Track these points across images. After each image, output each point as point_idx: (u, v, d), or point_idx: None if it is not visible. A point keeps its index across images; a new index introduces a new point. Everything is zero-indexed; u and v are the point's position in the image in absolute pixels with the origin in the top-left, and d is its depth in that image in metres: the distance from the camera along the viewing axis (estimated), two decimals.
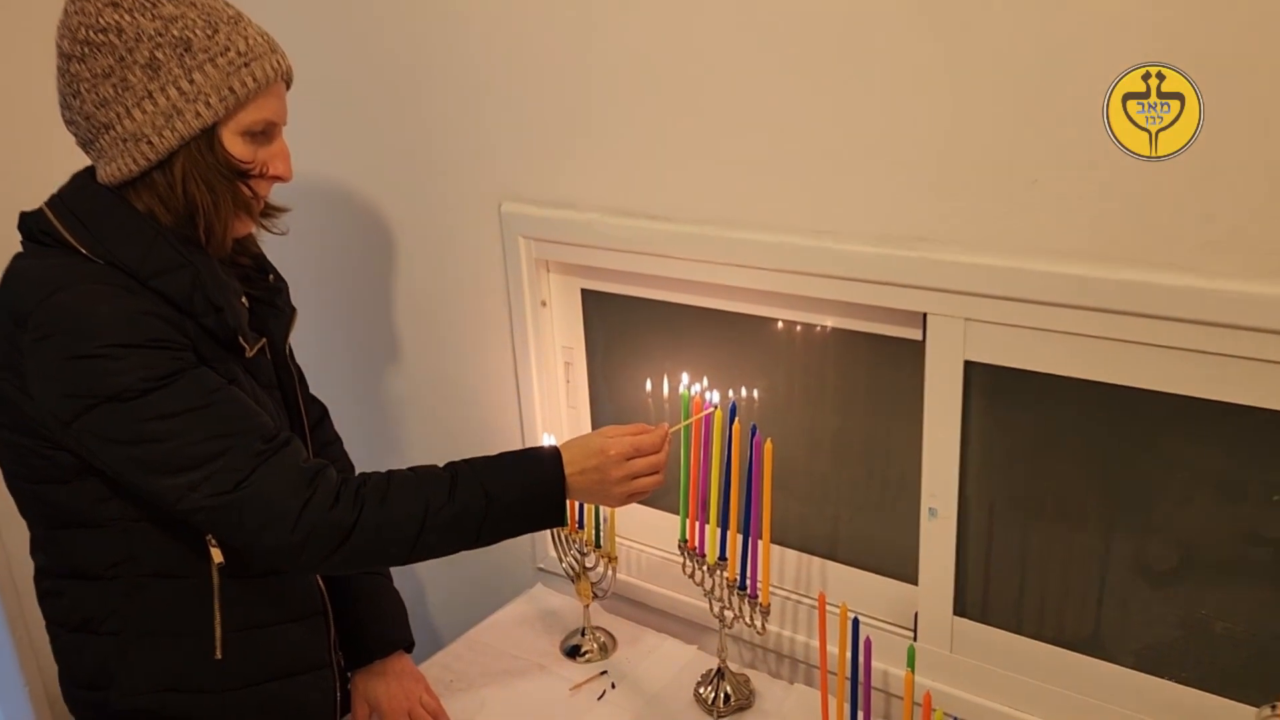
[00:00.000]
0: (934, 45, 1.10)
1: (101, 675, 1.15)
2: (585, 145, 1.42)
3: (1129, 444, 1.18)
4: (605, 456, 1.13)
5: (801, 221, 1.25)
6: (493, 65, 1.47)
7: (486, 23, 1.45)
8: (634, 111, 1.35)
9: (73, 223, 1.05)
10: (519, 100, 1.46)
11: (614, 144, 1.39)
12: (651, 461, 1.15)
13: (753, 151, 1.26)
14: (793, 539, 1.48)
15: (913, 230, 1.17)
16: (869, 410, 1.38)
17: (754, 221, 1.29)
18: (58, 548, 1.14)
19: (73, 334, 1.00)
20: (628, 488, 1.14)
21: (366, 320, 1.81)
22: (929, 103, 1.12)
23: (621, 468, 1.13)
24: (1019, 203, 1.09)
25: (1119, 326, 1.07)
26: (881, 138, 1.16)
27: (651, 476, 1.15)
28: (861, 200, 1.20)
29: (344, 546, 1.05)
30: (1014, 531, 1.28)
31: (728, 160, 1.29)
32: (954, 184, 1.13)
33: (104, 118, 1.03)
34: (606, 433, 1.16)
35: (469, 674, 1.49)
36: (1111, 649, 1.24)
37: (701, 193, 1.33)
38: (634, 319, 1.54)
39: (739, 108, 1.26)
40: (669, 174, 1.35)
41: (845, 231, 1.22)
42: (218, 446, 1.03)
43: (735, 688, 1.39)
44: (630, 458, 1.14)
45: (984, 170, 1.11)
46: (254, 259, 1.24)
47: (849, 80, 1.17)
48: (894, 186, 1.17)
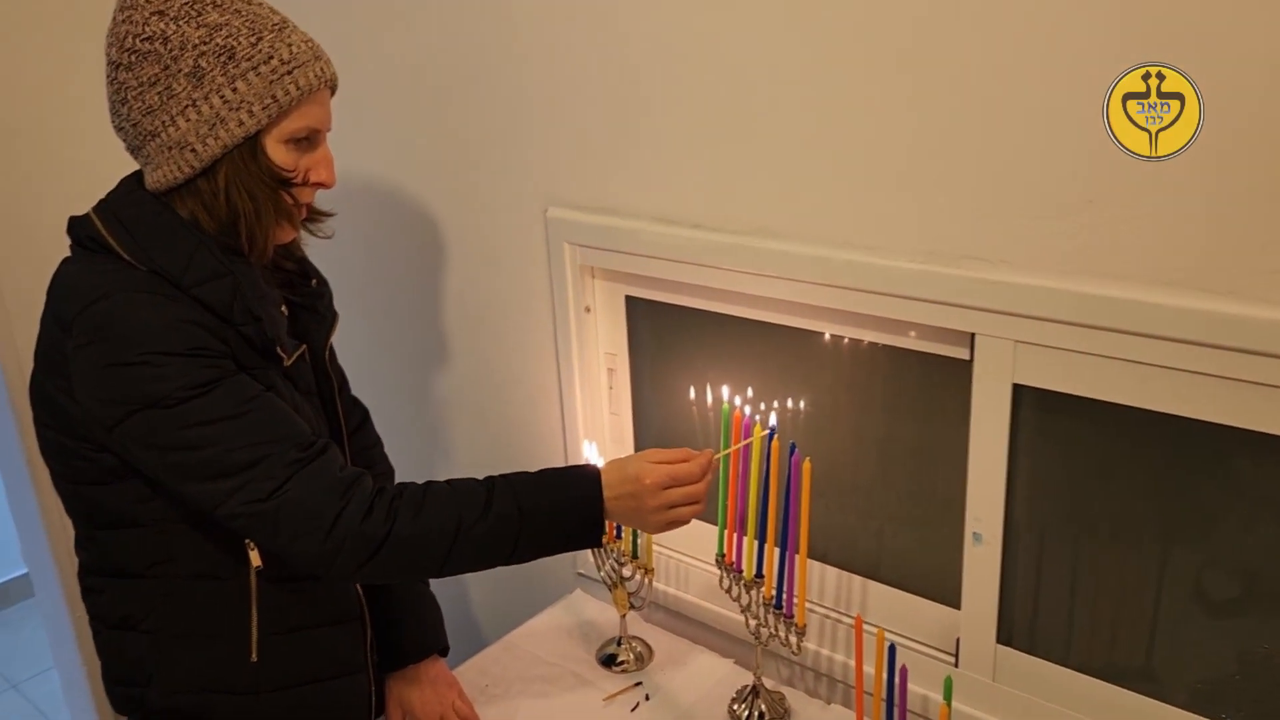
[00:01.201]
0: (983, 58, 1.06)
1: (140, 672, 1.17)
2: (633, 152, 1.40)
3: (1186, 473, 1.13)
4: (640, 485, 1.10)
5: (849, 235, 1.22)
6: (541, 70, 1.46)
7: (535, 27, 1.44)
8: (682, 119, 1.33)
9: (118, 229, 1.07)
10: (567, 105, 1.45)
11: (661, 151, 1.37)
12: (689, 492, 1.12)
13: (801, 163, 1.24)
14: (834, 556, 1.45)
15: (962, 248, 1.14)
16: (913, 429, 1.34)
17: (800, 234, 1.26)
18: (99, 546, 1.16)
19: (114, 341, 1.01)
20: (663, 517, 1.12)
21: (412, 323, 1.82)
22: (981, 118, 1.08)
23: (657, 497, 1.11)
24: (1074, 222, 1.05)
25: (1179, 355, 1.02)
26: (932, 152, 1.13)
27: (689, 507, 1.13)
28: (910, 215, 1.17)
29: (376, 557, 1.06)
30: (1062, 559, 1.23)
31: (775, 171, 1.26)
32: (1006, 201, 1.09)
33: (150, 125, 1.04)
34: (647, 457, 1.13)
35: (505, 679, 1.49)
36: (1163, 685, 1.19)
37: (748, 203, 1.30)
38: (678, 327, 1.52)
39: (788, 118, 1.23)
40: (716, 183, 1.33)
41: (893, 247, 1.19)
42: (254, 454, 1.04)
43: (770, 706, 1.37)
44: (667, 487, 1.11)
45: (1037, 188, 1.07)
46: (298, 263, 1.25)
47: (899, 94, 1.13)
48: (943, 202, 1.14)
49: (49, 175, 1.76)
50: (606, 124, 1.41)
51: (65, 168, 1.75)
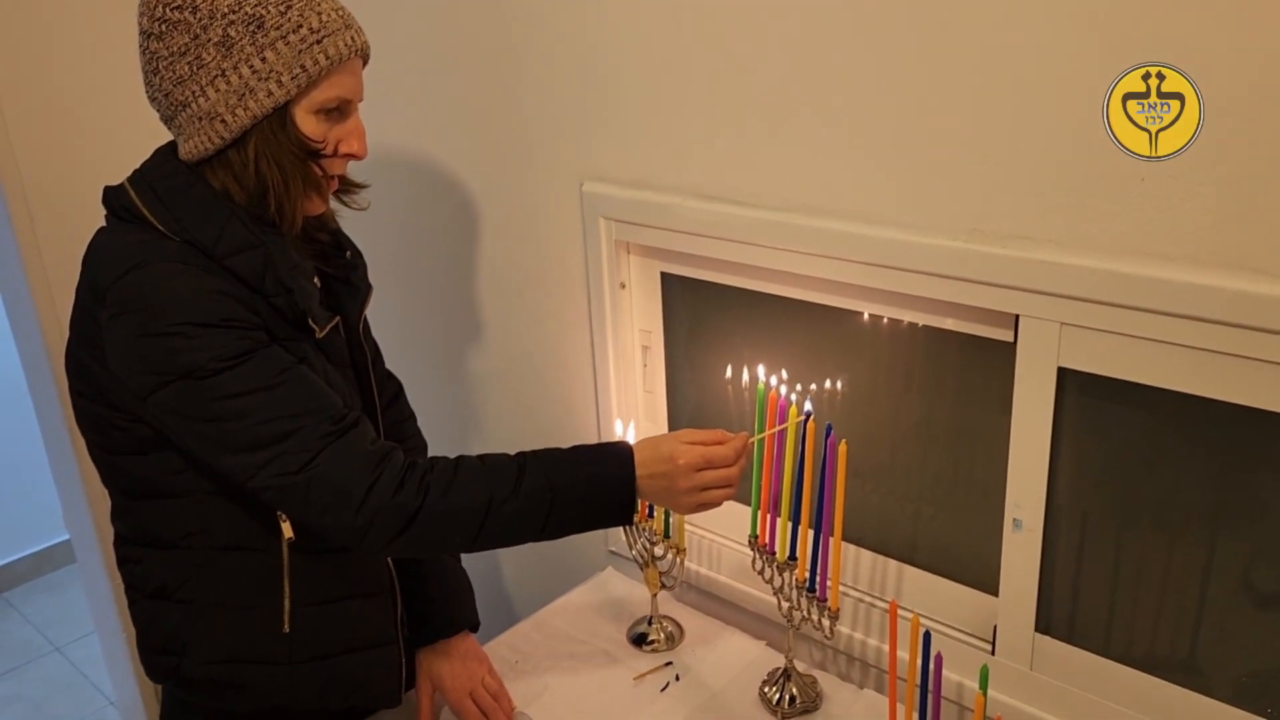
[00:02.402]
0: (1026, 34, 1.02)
1: (175, 642, 1.18)
2: (671, 126, 1.37)
3: (1236, 461, 1.09)
4: (674, 465, 1.09)
5: (890, 213, 1.19)
6: (578, 41, 1.43)
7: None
8: (722, 93, 1.30)
9: (151, 199, 1.07)
10: (604, 78, 1.42)
11: (700, 125, 1.34)
12: (722, 475, 1.11)
13: (841, 139, 1.20)
14: (869, 540, 1.43)
15: (1007, 226, 1.10)
16: (953, 413, 1.31)
17: (840, 211, 1.23)
18: (135, 516, 1.17)
19: (147, 311, 1.02)
20: (695, 499, 1.11)
21: (446, 297, 1.82)
22: (1028, 93, 1.04)
23: (690, 479, 1.09)
24: (1124, 202, 1.01)
25: (1231, 340, 0.98)
26: (977, 128, 1.09)
27: (722, 490, 1.11)
28: (954, 193, 1.13)
29: (407, 532, 1.05)
30: (1105, 547, 1.20)
31: (815, 147, 1.23)
32: (1053, 179, 1.05)
33: (181, 96, 1.04)
34: (681, 437, 1.12)
35: (534, 656, 1.49)
36: (1207, 678, 1.16)
37: (786, 179, 1.27)
38: (714, 305, 1.50)
39: (829, 93, 1.20)
40: (753, 158, 1.30)
41: (935, 225, 1.16)
42: (286, 427, 1.03)
43: (801, 689, 1.36)
44: (701, 469, 1.10)
45: (1087, 164, 1.03)
46: (331, 235, 1.24)
47: (943, 69, 1.10)
48: (988, 179, 1.10)
49: (85, 145, 1.77)
50: (645, 97, 1.39)
51: (103, 137, 1.76)
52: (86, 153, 1.76)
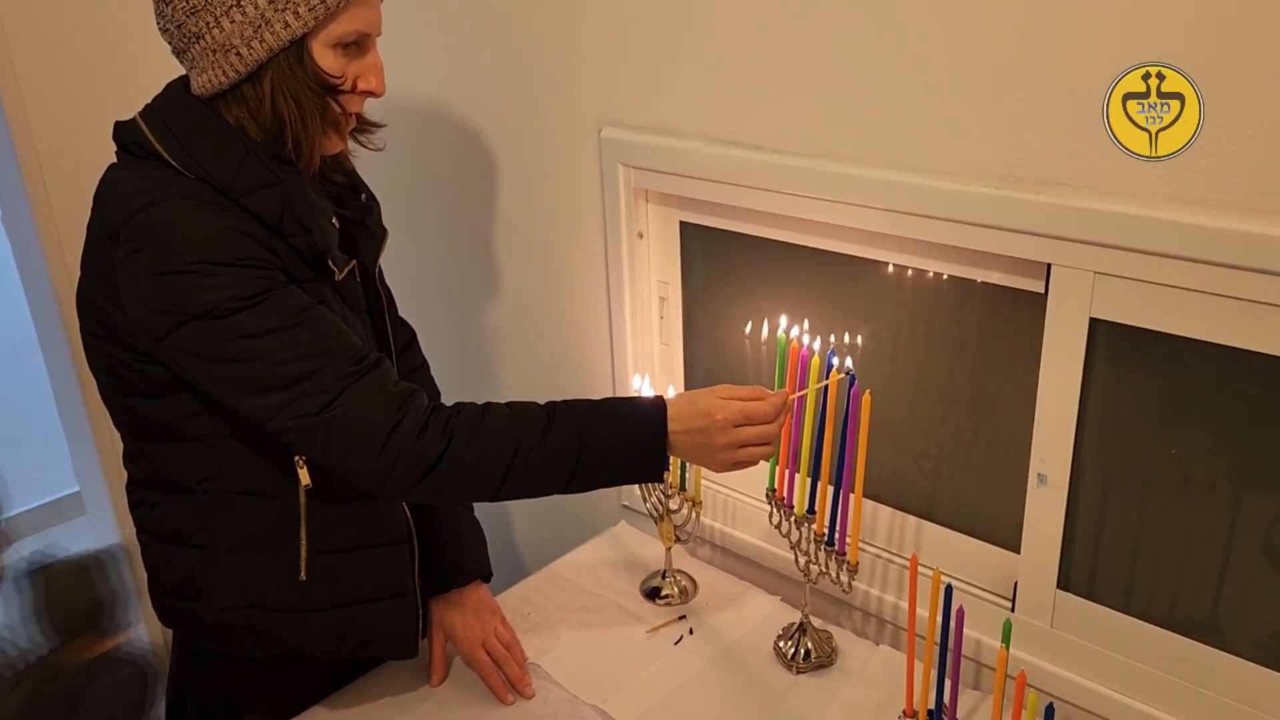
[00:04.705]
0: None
1: (190, 587, 1.17)
2: (690, 69, 1.34)
3: (1267, 415, 1.07)
4: (711, 420, 1.06)
5: (917, 159, 1.16)
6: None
7: None
8: (742, 35, 1.27)
9: (165, 135, 1.04)
10: (623, 20, 1.39)
11: (719, 69, 1.31)
12: (761, 432, 1.07)
13: (867, 81, 1.17)
14: (889, 495, 1.41)
15: (1040, 172, 1.07)
16: (980, 366, 1.29)
17: (866, 156, 1.20)
18: (149, 460, 1.15)
19: (163, 249, 0.99)
20: (731, 456, 1.07)
21: (460, 242, 1.79)
22: (1057, 30, 1.01)
23: (728, 435, 1.06)
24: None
25: (1271, 288, 0.96)
26: (1007, 69, 1.06)
27: (760, 447, 1.08)
28: (985, 137, 1.10)
29: (430, 476, 1.03)
30: (1130, 504, 1.18)
31: (839, 89, 1.20)
32: (1088, 121, 1.02)
33: (194, 26, 1.01)
34: (718, 393, 1.08)
35: (547, 608, 1.48)
36: (1229, 637, 1.14)
37: (810, 123, 1.24)
38: (734, 255, 1.47)
39: (853, 32, 1.17)
40: (776, 102, 1.27)
41: (965, 171, 1.13)
42: (307, 367, 1.02)
43: (817, 644, 1.35)
44: (739, 425, 1.06)
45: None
46: (347, 176, 1.22)
47: (972, 8, 1.06)
48: (1019, 122, 1.07)
49: (93, 79, 1.71)
50: (665, 40, 1.35)
51: (111, 70, 1.71)
52: (94, 86, 1.70)
